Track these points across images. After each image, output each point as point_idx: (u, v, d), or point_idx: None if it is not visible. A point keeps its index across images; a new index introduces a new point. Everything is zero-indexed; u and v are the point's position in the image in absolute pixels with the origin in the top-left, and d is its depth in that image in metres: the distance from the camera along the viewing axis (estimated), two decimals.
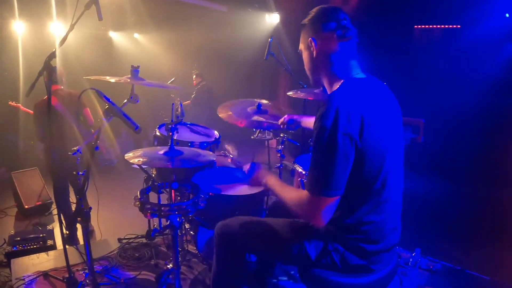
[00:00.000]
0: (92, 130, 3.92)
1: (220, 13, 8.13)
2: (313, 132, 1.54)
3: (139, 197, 2.19)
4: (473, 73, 5.58)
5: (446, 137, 6.05)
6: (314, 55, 1.71)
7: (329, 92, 1.73)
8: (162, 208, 2.13)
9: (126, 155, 2.23)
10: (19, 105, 4.92)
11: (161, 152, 2.31)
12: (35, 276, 2.83)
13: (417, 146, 5.75)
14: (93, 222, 3.56)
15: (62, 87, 3.98)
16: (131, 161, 2.17)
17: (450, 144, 6.06)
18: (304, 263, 1.74)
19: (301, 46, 1.81)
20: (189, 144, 2.86)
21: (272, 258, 2.26)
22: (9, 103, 5.05)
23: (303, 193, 1.58)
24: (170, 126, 2.34)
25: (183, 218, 2.69)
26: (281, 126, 2.73)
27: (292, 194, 1.69)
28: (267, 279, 2.34)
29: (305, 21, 1.75)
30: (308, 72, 1.82)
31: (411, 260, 3.13)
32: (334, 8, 1.69)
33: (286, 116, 2.68)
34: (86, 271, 2.65)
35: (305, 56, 1.79)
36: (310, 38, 1.70)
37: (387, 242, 1.69)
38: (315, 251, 1.70)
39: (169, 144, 2.34)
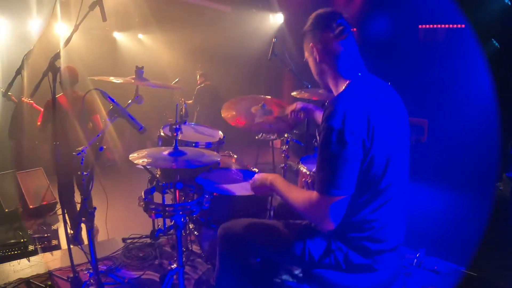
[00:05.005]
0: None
1: (224, 13, 8.14)
2: (320, 132, 1.55)
3: (143, 197, 2.19)
4: (479, 72, 5.55)
5: (451, 137, 6.02)
6: (318, 60, 1.74)
7: (335, 93, 1.74)
8: (167, 208, 2.12)
9: (130, 155, 2.23)
10: (32, 102, 4.93)
11: (166, 152, 2.31)
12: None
13: (421, 146, 5.72)
14: (100, 222, 3.57)
15: (73, 89, 4.05)
16: (135, 162, 2.17)
17: (455, 144, 6.03)
18: (308, 264, 1.74)
19: (306, 54, 1.84)
20: (194, 145, 2.86)
21: (275, 259, 2.25)
22: (22, 99, 5.07)
23: (313, 194, 1.56)
24: (174, 126, 2.34)
25: (187, 218, 2.69)
26: (290, 115, 2.60)
27: (300, 195, 1.66)
28: (271, 279, 2.33)
29: (305, 29, 1.79)
30: (316, 78, 1.85)
31: (415, 260, 3.12)
32: (328, 11, 1.73)
33: (297, 103, 2.53)
34: (91, 271, 2.66)
35: (310, 63, 1.83)
36: (311, 44, 1.74)
37: (391, 241, 1.68)
38: (318, 251, 1.70)
39: (173, 145, 2.34)
